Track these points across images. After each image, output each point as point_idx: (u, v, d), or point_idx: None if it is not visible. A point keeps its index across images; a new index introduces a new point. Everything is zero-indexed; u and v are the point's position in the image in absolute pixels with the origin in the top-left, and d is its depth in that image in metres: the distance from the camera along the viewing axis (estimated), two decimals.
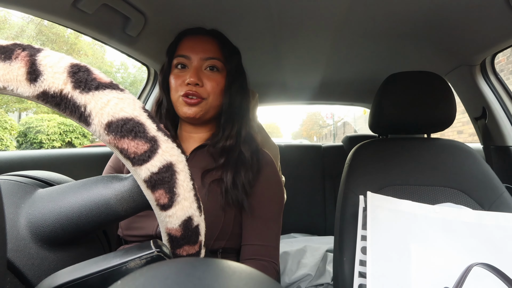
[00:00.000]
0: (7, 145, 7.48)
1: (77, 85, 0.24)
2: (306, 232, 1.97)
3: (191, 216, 0.28)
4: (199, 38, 0.71)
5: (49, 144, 7.97)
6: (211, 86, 0.68)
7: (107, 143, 0.25)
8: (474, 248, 0.68)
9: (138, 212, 0.31)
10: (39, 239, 0.28)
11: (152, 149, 0.25)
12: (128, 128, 0.25)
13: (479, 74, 1.19)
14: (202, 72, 0.69)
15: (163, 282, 0.17)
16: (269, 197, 0.71)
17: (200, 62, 0.69)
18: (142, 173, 0.26)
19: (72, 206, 0.29)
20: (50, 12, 0.75)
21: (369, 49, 1.20)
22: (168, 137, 0.27)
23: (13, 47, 0.24)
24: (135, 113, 0.25)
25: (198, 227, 0.29)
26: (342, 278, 0.77)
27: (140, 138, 0.25)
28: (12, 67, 0.23)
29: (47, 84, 0.24)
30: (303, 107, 40.60)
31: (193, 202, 0.29)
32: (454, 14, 0.90)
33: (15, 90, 0.24)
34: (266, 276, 0.20)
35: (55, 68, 0.24)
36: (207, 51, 0.69)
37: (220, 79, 0.70)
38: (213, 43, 0.71)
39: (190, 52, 0.69)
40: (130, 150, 0.25)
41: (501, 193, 0.82)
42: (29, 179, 0.33)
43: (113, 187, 0.30)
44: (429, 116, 0.91)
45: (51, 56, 0.24)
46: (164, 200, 0.27)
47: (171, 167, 0.26)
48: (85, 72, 0.25)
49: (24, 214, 0.29)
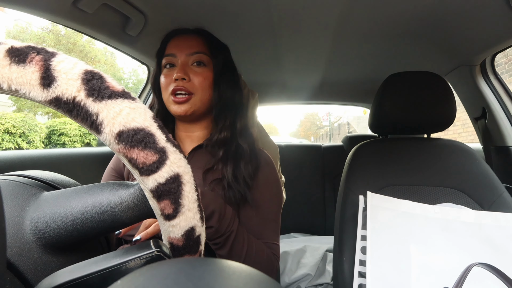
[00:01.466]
0: (37, 147, 7.93)
1: (90, 93, 0.24)
2: (306, 232, 1.97)
3: (194, 227, 0.29)
4: (184, 37, 0.73)
5: (71, 145, 8.44)
6: (198, 80, 0.69)
7: (117, 151, 0.25)
8: (474, 248, 0.68)
9: (142, 220, 0.31)
10: (43, 243, 0.28)
11: (160, 160, 0.26)
12: (139, 139, 0.25)
13: (479, 74, 1.19)
14: (189, 68, 0.70)
15: (162, 281, 0.17)
16: (268, 197, 0.71)
17: (186, 58, 0.70)
18: (150, 183, 0.26)
19: (77, 212, 0.29)
20: (51, 12, 0.75)
21: (369, 49, 1.20)
22: (176, 147, 0.27)
23: (27, 50, 0.24)
24: (146, 124, 0.25)
25: (200, 237, 0.30)
26: (342, 278, 0.77)
27: (150, 148, 0.25)
28: (26, 71, 0.23)
29: (61, 91, 0.24)
30: (301, 108, 40.54)
31: (197, 213, 0.29)
32: (454, 15, 0.90)
33: (27, 94, 0.24)
34: (265, 276, 0.20)
35: (69, 75, 0.24)
36: (192, 47, 0.70)
37: (208, 73, 0.71)
38: (198, 40, 0.72)
39: (176, 50, 0.70)
40: (139, 160, 0.25)
41: (501, 193, 0.82)
42: (33, 181, 0.33)
43: (119, 195, 0.30)
44: (429, 116, 0.91)
45: (65, 61, 0.24)
46: (169, 210, 0.27)
47: (178, 178, 0.27)
48: (99, 80, 0.25)
49: (29, 217, 0.29)
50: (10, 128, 7.44)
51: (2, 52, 0.23)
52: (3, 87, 0.23)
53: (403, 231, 0.72)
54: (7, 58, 0.23)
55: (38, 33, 13.37)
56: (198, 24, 0.76)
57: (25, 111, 11.83)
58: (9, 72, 0.23)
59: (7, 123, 7.44)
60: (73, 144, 8.47)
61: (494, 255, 0.66)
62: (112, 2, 0.80)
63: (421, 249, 0.69)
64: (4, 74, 0.23)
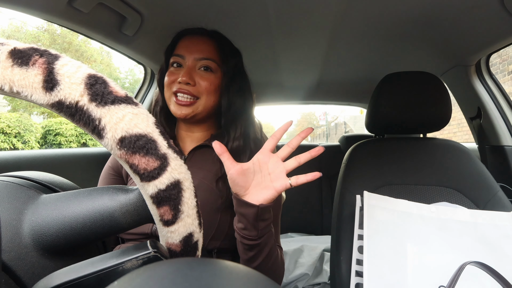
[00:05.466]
0: (32, 147, 7.87)
1: (93, 98, 0.24)
2: (303, 232, 1.97)
3: (192, 233, 0.29)
4: (196, 39, 0.71)
5: (67, 145, 8.40)
6: (203, 85, 0.68)
7: (118, 157, 0.25)
8: (469, 247, 0.69)
9: (140, 225, 0.31)
10: (41, 247, 0.28)
11: (161, 166, 0.26)
12: (141, 145, 0.25)
13: (474, 75, 1.20)
14: (196, 72, 0.69)
15: (160, 282, 0.17)
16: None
17: (194, 62, 0.69)
18: (150, 189, 0.26)
19: (76, 216, 0.29)
20: (46, 11, 0.74)
21: (365, 49, 1.21)
22: (178, 154, 0.27)
23: (30, 52, 0.24)
24: (148, 130, 0.25)
25: (197, 243, 0.30)
26: (339, 277, 0.77)
27: (151, 155, 0.25)
28: (28, 74, 0.23)
29: (63, 94, 0.23)
30: (297, 108, 40.60)
31: (195, 219, 0.29)
32: (449, 15, 0.91)
33: (29, 97, 0.23)
34: (263, 276, 0.20)
35: (72, 79, 0.24)
36: (202, 52, 0.69)
37: (214, 79, 0.70)
38: (210, 44, 0.71)
39: (185, 52, 0.69)
40: (141, 166, 0.25)
41: (496, 192, 0.82)
42: (31, 183, 0.33)
43: (119, 200, 0.30)
44: (424, 116, 0.91)
45: (68, 65, 0.24)
46: (168, 216, 0.27)
47: (178, 184, 0.27)
48: (102, 85, 0.25)
49: (27, 221, 0.29)
50: (5, 128, 7.38)
51: (5, 53, 0.23)
52: (5, 89, 0.23)
53: (399, 230, 0.73)
54: (9, 59, 0.23)
55: (33, 32, 13.27)
56: (194, 24, 0.75)
57: (20, 111, 11.74)
58: (11, 74, 0.23)
59: (1, 123, 7.38)
60: (69, 144, 8.45)
61: (489, 254, 0.67)
62: (108, 2, 0.80)
63: (418, 248, 0.70)
64: (6, 76, 0.23)
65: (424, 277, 0.66)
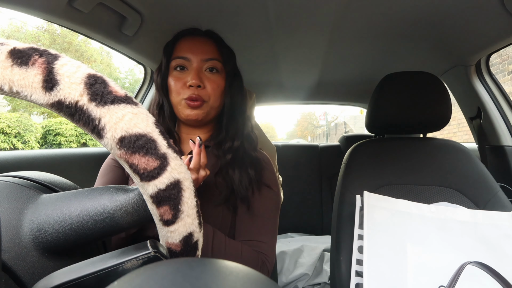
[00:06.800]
0: (32, 147, 7.90)
1: (93, 97, 0.24)
2: (303, 232, 1.97)
3: (192, 232, 0.29)
4: (196, 39, 0.71)
5: (67, 145, 8.43)
6: (211, 88, 0.68)
7: (118, 157, 0.25)
8: (469, 247, 0.69)
9: (140, 225, 0.31)
10: (41, 247, 0.28)
11: (161, 166, 0.26)
12: (140, 144, 0.25)
13: (474, 75, 1.20)
14: (203, 74, 0.68)
15: (160, 282, 0.17)
16: (266, 196, 0.71)
17: (200, 63, 0.68)
18: (150, 189, 0.26)
19: (76, 216, 0.29)
20: (46, 11, 0.74)
21: (365, 49, 1.20)
22: (177, 153, 0.28)
23: (30, 52, 0.24)
24: (148, 129, 0.25)
25: (197, 242, 0.30)
26: (339, 277, 0.77)
27: (151, 154, 0.25)
28: (28, 73, 0.23)
29: (63, 94, 0.23)
30: (297, 107, 40.63)
31: (195, 219, 0.29)
32: (449, 15, 0.91)
33: (29, 97, 0.23)
34: (263, 276, 0.20)
35: (72, 79, 0.24)
36: (206, 52, 0.69)
37: (220, 80, 0.70)
38: (211, 44, 0.71)
39: (190, 54, 0.68)
40: (140, 166, 0.25)
41: (496, 192, 0.82)
42: (31, 182, 0.33)
43: (119, 200, 0.30)
44: (425, 116, 0.91)
45: (68, 64, 0.24)
46: (168, 216, 0.27)
47: (178, 184, 0.27)
48: (102, 84, 0.25)
49: (27, 221, 0.29)
50: (5, 128, 7.39)
51: (4, 53, 0.23)
52: (4, 89, 0.23)
53: (399, 230, 0.73)
54: (9, 59, 0.23)
55: (33, 32, 13.28)
56: (194, 23, 0.75)
57: (20, 111, 11.76)
58: (11, 73, 0.23)
59: (1, 123, 7.39)
60: (69, 144, 8.46)
61: (489, 254, 0.67)
62: (108, 2, 0.80)
63: (417, 248, 0.70)
64: (6, 75, 0.23)
65: (424, 277, 0.66)
